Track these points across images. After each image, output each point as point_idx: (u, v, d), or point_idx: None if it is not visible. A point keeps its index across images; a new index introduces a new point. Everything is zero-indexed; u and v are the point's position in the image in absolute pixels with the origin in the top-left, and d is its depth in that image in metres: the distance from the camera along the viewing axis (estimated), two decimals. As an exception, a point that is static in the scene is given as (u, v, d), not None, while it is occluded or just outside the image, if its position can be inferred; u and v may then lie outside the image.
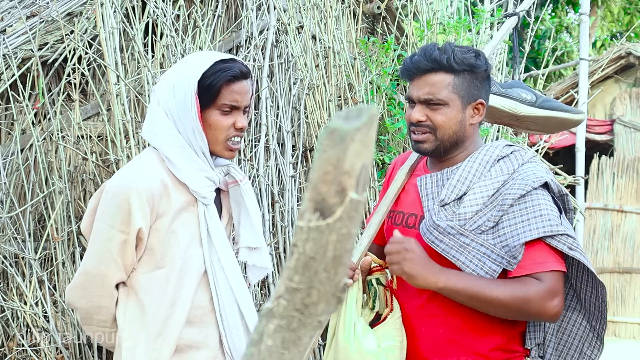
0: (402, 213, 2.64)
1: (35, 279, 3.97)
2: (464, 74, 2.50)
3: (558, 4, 16.75)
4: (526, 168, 2.48)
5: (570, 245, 2.36)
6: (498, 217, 2.40)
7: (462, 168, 2.51)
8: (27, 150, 4.34)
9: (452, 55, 2.47)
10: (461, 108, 2.51)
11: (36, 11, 4.86)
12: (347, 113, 1.00)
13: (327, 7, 4.73)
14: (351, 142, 0.98)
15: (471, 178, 2.48)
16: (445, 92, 2.49)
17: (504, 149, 2.55)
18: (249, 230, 2.60)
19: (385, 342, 2.49)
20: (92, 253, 2.44)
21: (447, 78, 2.49)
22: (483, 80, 2.55)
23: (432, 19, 5.16)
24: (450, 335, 2.50)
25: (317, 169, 1.00)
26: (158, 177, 2.44)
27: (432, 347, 2.52)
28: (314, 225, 1.01)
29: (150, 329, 2.47)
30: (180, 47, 4.34)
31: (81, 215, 4.25)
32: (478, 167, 2.50)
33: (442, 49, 2.50)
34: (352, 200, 1.01)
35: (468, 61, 2.48)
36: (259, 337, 1.09)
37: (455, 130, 2.52)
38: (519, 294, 2.33)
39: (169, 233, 2.46)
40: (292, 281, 1.05)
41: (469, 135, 2.56)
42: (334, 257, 1.04)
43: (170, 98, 2.47)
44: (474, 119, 2.54)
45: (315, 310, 1.07)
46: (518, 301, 2.32)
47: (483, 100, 2.54)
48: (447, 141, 2.53)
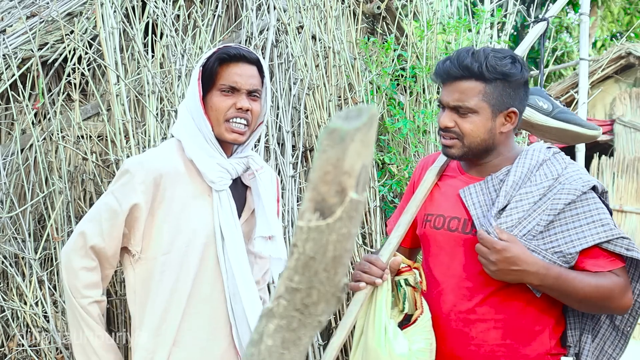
0: (442, 216, 2.59)
1: (35, 279, 3.97)
2: (496, 82, 2.43)
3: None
4: (571, 172, 2.45)
5: (627, 246, 2.38)
6: (547, 222, 2.39)
7: (512, 173, 2.48)
8: (27, 150, 4.34)
9: (485, 63, 2.41)
10: (491, 116, 2.46)
11: (36, 11, 4.86)
12: (347, 113, 1.00)
13: (327, 7, 4.73)
14: (351, 142, 0.98)
15: (520, 184, 2.46)
16: (475, 100, 2.44)
17: (547, 152, 2.51)
18: (262, 220, 2.60)
19: (416, 345, 2.46)
20: (88, 212, 2.52)
21: (478, 86, 2.44)
22: (518, 88, 2.47)
23: (432, 19, 5.16)
24: (501, 340, 2.48)
25: (317, 169, 1.00)
26: (171, 161, 2.52)
27: (482, 352, 2.49)
28: (314, 225, 1.01)
29: (153, 315, 2.51)
30: (180, 47, 4.34)
31: (81, 215, 4.24)
32: (527, 172, 2.47)
33: (475, 56, 2.44)
34: (352, 200, 1.01)
35: (501, 69, 2.42)
36: (259, 337, 1.09)
37: (483, 139, 2.48)
38: (605, 288, 2.36)
39: (180, 220, 2.50)
40: (292, 281, 1.05)
41: (500, 142, 2.52)
42: (334, 257, 1.04)
43: (187, 89, 2.58)
44: (504, 127, 2.49)
45: (315, 310, 1.07)
46: (604, 295, 2.37)
47: (516, 108, 2.48)
48: (475, 148, 2.50)
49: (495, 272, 2.35)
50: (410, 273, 2.55)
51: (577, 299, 2.38)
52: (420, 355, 2.46)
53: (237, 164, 2.62)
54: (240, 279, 2.56)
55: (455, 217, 2.55)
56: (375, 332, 2.44)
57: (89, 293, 2.48)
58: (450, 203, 2.60)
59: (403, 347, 2.42)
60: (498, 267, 2.33)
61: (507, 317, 2.47)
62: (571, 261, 2.38)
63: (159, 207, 2.49)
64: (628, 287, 2.40)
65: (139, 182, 2.46)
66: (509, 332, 2.47)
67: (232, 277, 2.56)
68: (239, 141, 2.58)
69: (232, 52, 2.56)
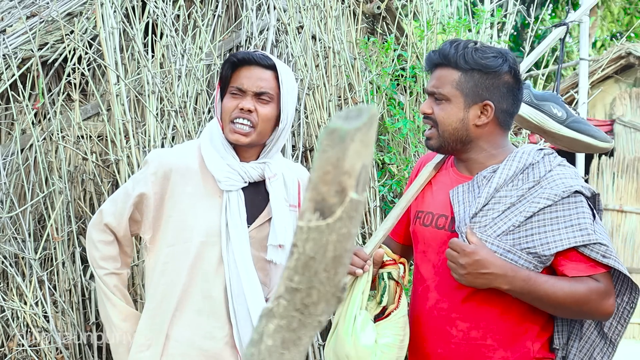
0: (431, 214, 2.59)
1: (35, 279, 3.97)
2: (472, 73, 2.45)
3: (558, 4, 16.74)
4: (554, 175, 2.43)
5: (603, 253, 2.36)
6: (522, 222, 2.39)
7: (497, 176, 2.47)
8: (27, 150, 4.34)
9: (463, 53, 2.45)
10: (463, 106, 2.47)
11: (36, 11, 4.86)
12: (347, 113, 1.00)
13: (327, 7, 4.73)
14: (351, 142, 0.98)
15: (504, 186, 2.46)
16: (448, 87, 2.47)
17: (536, 155, 2.49)
18: (272, 228, 2.65)
19: (383, 339, 2.46)
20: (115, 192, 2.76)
21: (453, 74, 2.47)
22: (497, 82, 2.47)
23: (432, 19, 5.15)
24: (481, 340, 2.47)
25: (317, 169, 1.00)
26: (186, 158, 2.62)
27: (463, 351, 2.49)
28: (314, 225, 1.01)
29: (152, 303, 2.61)
30: (180, 47, 4.34)
31: (81, 215, 4.25)
32: (512, 176, 2.46)
33: (455, 45, 2.48)
34: (352, 200, 1.01)
35: (478, 60, 2.44)
36: (259, 337, 1.09)
37: (455, 128, 2.48)
38: (581, 293, 2.35)
39: (187, 215, 2.57)
40: (292, 281, 1.05)
41: (478, 136, 2.50)
42: (334, 257, 1.04)
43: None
44: (479, 120, 2.48)
45: (315, 310, 1.07)
46: (579, 301, 2.36)
47: (492, 102, 2.47)
48: (449, 138, 2.50)
49: (464, 276, 2.35)
50: (394, 267, 2.57)
51: (550, 304, 2.38)
52: (386, 349, 2.46)
53: (252, 168, 2.64)
54: (246, 281, 2.58)
55: (443, 215, 2.56)
56: (345, 321, 2.47)
57: (105, 265, 2.65)
58: (440, 200, 2.60)
59: (369, 339, 2.44)
60: (467, 270, 2.33)
61: (489, 317, 2.46)
62: (546, 262, 2.38)
63: (168, 200, 2.59)
64: (609, 293, 2.38)
65: (151, 172, 2.61)
66: (490, 332, 2.46)
67: (237, 278, 2.58)
68: (241, 142, 2.61)
69: (240, 56, 2.63)
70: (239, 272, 2.57)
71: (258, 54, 2.63)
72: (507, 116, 2.53)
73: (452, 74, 2.48)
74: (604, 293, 2.36)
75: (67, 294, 4.05)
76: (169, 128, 4.17)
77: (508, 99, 2.51)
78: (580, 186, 2.41)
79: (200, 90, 4.33)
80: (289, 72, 2.66)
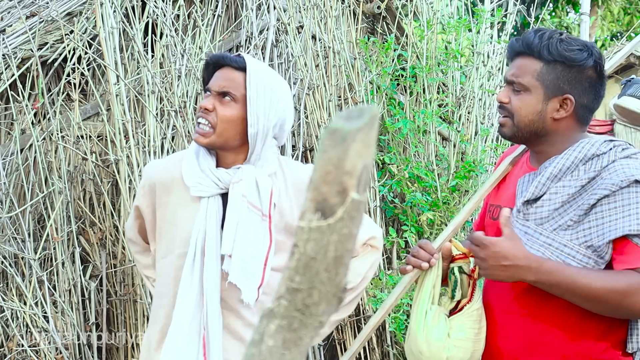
0: (499, 207, 2.52)
1: (34, 279, 3.97)
2: (555, 65, 2.37)
3: (558, 3, 16.75)
4: (617, 165, 2.31)
5: None
6: (581, 216, 2.30)
7: (553, 165, 2.38)
8: (27, 150, 4.34)
9: (548, 43, 2.36)
10: (542, 98, 2.38)
11: (36, 11, 4.86)
12: (349, 113, 1.00)
13: (327, 7, 4.73)
14: (352, 142, 0.98)
15: (561, 176, 2.37)
16: (528, 77, 2.39)
17: (602, 146, 2.37)
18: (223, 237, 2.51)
19: (457, 334, 2.43)
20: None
21: (535, 64, 2.39)
22: (580, 77, 2.39)
23: (432, 19, 5.15)
24: (538, 336, 2.40)
25: (319, 169, 1.00)
26: (170, 169, 2.57)
27: (519, 346, 2.43)
28: (315, 226, 1.01)
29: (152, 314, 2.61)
30: (180, 47, 4.33)
31: (81, 215, 4.25)
32: (570, 165, 2.37)
33: (540, 35, 2.39)
34: (354, 201, 1.01)
35: (562, 52, 2.36)
36: (259, 337, 1.08)
37: (531, 120, 2.40)
38: (620, 286, 2.23)
39: (172, 225, 2.53)
40: (293, 281, 1.05)
41: (553, 130, 2.42)
42: (335, 258, 1.03)
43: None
44: (557, 114, 2.39)
45: (317, 310, 1.06)
46: (617, 294, 2.23)
47: (572, 96, 2.38)
48: (524, 129, 2.42)
49: (487, 270, 2.30)
50: (464, 261, 2.51)
51: (583, 297, 2.27)
52: (460, 343, 2.42)
53: (226, 173, 2.51)
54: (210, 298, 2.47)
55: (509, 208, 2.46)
56: (416, 316, 2.45)
57: (148, 273, 2.75)
58: (509, 194, 2.53)
59: (441, 333, 2.41)
60: (489, 263, 2.27)
61: (548, 313, 2.39)
62: (604, 255, 2.27)
63: (158, 211, 2.57)
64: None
65: (141, 186, 2.64)
66: (546, 328, 2.39)
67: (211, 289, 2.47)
68: (200, 142, 2.49)
69: (213, 57, 2.56)
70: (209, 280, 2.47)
71: (231, 55, 2.54)
72: (586, 112, 2.44)
73: (534, 64, 2.39)
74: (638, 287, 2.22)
75: (66, 294, 4.05)
76: (168, 128, 4.17)
77: (589, 94, 2.42)
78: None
79: (200, 90, 4.33)
80: (265, 74, 2.53)
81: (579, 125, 2.44)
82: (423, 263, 2.46)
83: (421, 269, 2.46)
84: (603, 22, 18.03)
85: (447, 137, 5.12)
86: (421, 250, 2.48)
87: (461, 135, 4.97)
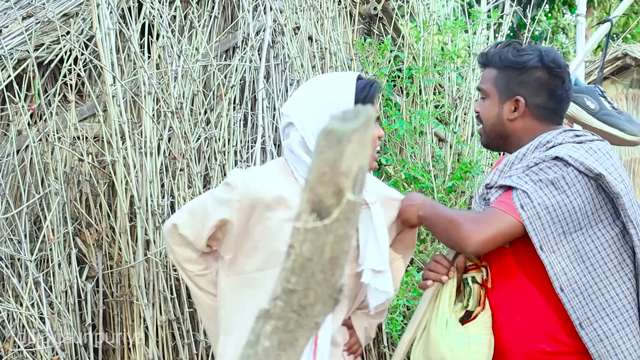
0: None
1: (31, 280, 3.96)
2: (506, 70, 2.58)
3: (554, 4, 16.76)
4: (559, 147, 2.49)
5: (524, 204, 2.39)
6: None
7: (512, 154, 2.58)
8: (23, 152, 4.33)
9: (500, 52, 2.58)
10: (498, 102, 2.59)
11: (32, 12, 4.86)
12: (344, 114, 1.00)
13: (323, 8, 4.73)
14: (348, 143, 0.98)
15: (516, 162, 2.55)
16: (487, 84, 2.61)
17: (559, 136, 2.54)
18: (376, 253, 2.59)
19: (475, 340, 2.55)
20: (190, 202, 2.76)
21: (492, 72, 2.61)
22: (528, 78, 2.56)
23: (429, 20, 5.16)
24: (529, 322, 2.52)
25: (314, 170, 1.00)
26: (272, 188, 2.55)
27: (513, 335, 2.55)
28: (311, 227, 1.01)
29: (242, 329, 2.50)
30: (176, 48, 4.33)
31: (77, 216, 4.24)
32: (526, 152, 2.54)
33: (497, 46, 2.63)
34: (349, 202, 1.01)
35: (509, 58, 2.56)
36: (255, 338, 1.08)
37: (493, 123, 2.61)
38: (452, 214, 2.57)
39: (274, 240, 2.53)
40: (289, 282, 1.05)
41: (513, 130, 2.60)
42: (330, 258, 1.03)
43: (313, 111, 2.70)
44: (512, 115, 2.58)
45: (312, 311, 1.07)
46: (447, 221, 2.50)
47: (523, 98, 2.56)
48: (490, 134, 2.64)
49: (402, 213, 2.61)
50: (477, 271, 2.64)
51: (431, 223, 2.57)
52: (479, 349, 2.55)
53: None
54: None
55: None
56: (437, 326, 2.57)
57: (189, 267, 2.64)
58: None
59: (463, 341, 2.54)
60: (403, 205, 2.61)
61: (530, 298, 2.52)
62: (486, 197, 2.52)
63: (255, 226, 2.54)
64: (481, 223, 2.43)
65: (236, 199, 2.51)
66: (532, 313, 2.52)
67: None
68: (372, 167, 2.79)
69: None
70: None
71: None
72: (543, 111, 2.59)
73: (491, 72, 2.62)
74: (470, 219, 2.48)
75: (63, 295, 4.04)
76: (165, 129, 4.17)
77: (541, 93, 2.58)
78: (568, 155, 2.43)
79: (196, 92, 4.33)
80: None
81: (540, 124, 2.61)
82: (443, 277, 2.61)
83: (441, 282, 2.61)
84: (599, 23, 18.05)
85: (444, 138, 5.12)
86: (438, 265, 2.62)
87: (457, 137, 4.97)
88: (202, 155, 4.28)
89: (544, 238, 2.40)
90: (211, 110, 4.33)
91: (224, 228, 2.55)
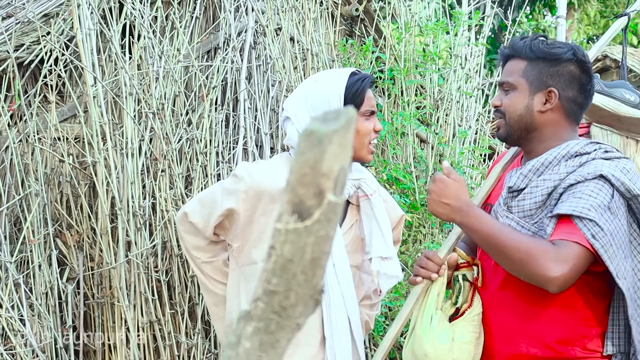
0: (490, 205, 2.63)
1: (11, 282, 3.93)
2: (538, 62, 2.52)
3: (535, 6, 16.86)
4: (594, 162, 2.42)
5: (594, 233, 2.29)
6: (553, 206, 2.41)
7: (537, 159, 2.49)
8: (3, 152, 4.30)
9: (531, 43, 2.53)
10: (528, 93, 2.52)
11: (12, 12, 4.83)
12: (325, 115, 1.00)
13: (305, 9, 4.73)
14: (329, 144, 0.98)
15: (543, 170, 2.46)
16: (515, 76, 2.54)
17: (587, 146, 2.48)
18: (381, 241, 2.70)
19: (460, 338, 2.54)
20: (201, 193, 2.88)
21: (520, 64, 2.54)
22: (561, 71, 2.52)
23: (410, 21, 5.17)
24: (519, 325, 2.49)
25: (295, 171, 1.00)
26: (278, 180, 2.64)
27: (503, 337, 2.53)
28: (292, 228, 1.01)
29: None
30: (158, 48, 4.32)
31: (58, 217, 4.22)
32: (552, 160, 2.46)
33: (524, 37, 2.57)
34: (330, 203, 1.01)
35: (542, 49, 2.51)
36: (237, 339, 1.08)
37: (520, 115, 2.52)
38: (526, 245, 2.34)
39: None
40: (270, 283, 1.05)
41: (542, 123, 2.52)
42: (311, 260, 1.04)
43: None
44: (544, 107, 2.51)
45: (293, 312, 1.07)
46: (521, 253, 2.33)
47: (556, 89, 2.50)
48: (515, 126, 2.53)
49: (429, 201, 2.48)
50: (468, 269, 2.64)
51: (492, 247, 2.39)
52: (463, 347, 2.54)
53: (349, 186, 2.70)
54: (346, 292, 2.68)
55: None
56: (422, 321, 2.56)
57: (197, 254, 2.78)
58: (499, 193, 2.62)
59: (446, 337, 2.53)
60: (431, 195, 2.46)
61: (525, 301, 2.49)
62: (546, 228, 2.37)
63: (261, 216, 2.64)
64: (564, 261, 2.28)
65: (242, 190, 2.63)
66: (525, 317, 2.49)
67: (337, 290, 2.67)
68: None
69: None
70: (340, 284, 2.67)
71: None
72: (573, 105, 2.54)
73: (519, 64, 2.54)
74: (553, 256, 2.29)
75: (43, 297, 4.01)
76: (146, 130, 4.15)
77: (573, 87, 2.53)
78: (611, 174, 2.37)
79: (178, 92, 4.32)
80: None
81: (567, 120, 2.56)
82: (432, 274, 2.57)
83: (431, 280, 2.58)
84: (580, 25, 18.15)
85: (425, 139, 5.14)
86: (429, 262, 2.59)
87: (439, 138, 4.99)
88: (183, 156, 4.28)
89: (618, 265, 2.33)
90: (193, 111, 4.33)
91: (231, 217, 2.66)
